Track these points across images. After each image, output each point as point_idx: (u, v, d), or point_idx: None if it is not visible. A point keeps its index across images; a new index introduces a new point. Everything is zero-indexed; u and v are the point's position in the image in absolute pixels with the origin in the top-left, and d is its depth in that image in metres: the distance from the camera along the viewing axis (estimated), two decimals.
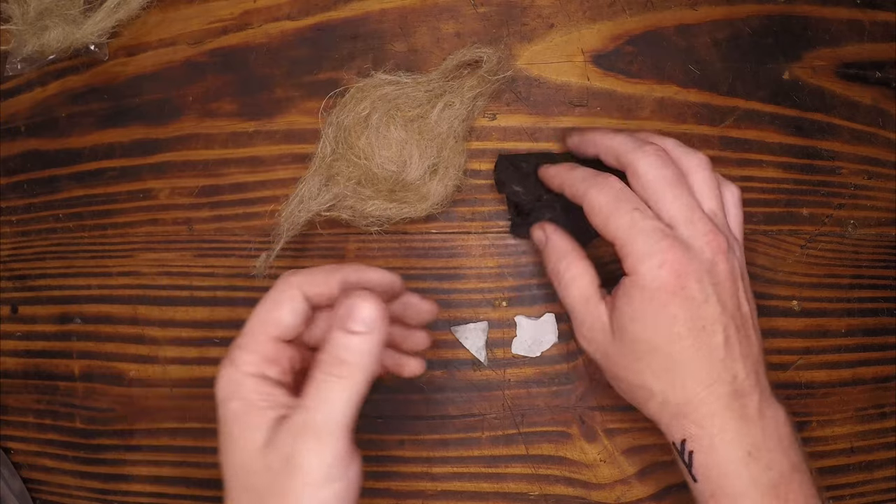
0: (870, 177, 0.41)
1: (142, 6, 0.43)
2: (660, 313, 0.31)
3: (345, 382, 0.28)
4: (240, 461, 0.29)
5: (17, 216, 0.46)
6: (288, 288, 0.31)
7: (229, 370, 0.30)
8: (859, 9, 0.41)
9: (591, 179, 0.33)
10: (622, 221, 0.32)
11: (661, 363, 0.32)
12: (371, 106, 0.39)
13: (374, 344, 0.28)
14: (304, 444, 0.27)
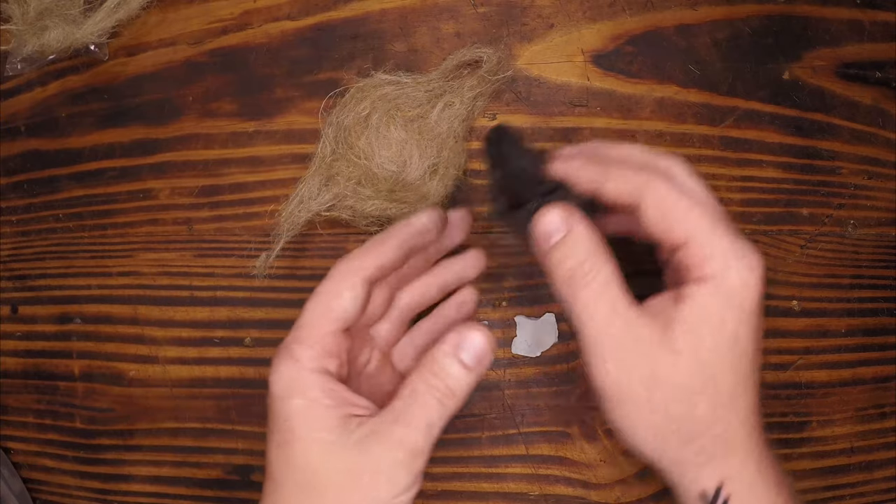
0: (870, 177, 0.41)
1: (142, 6, 0.43)
2: (741, 326, 0.27)
3: (447, 412, 0.28)
4: (303, 459, 0.28)
5: (17, 216, 0.46)
6: (347, 275, 0.30)
7: (289, 365, 0.29)
8: (859, 9, 0.41)
9: (650, 169, 0.28)
10: (703, 217, 0.27)
11: (726, 387, 0.27)
12: (371, 106, 0.39)
13: (476, 380, 0.29)
14: (399, 456, 0.27)
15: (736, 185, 0.41)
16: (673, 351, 0.27)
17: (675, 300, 0.28)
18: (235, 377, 0.43)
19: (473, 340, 0.29)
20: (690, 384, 0.27)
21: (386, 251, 0.30)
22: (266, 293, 0.42)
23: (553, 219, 0.28)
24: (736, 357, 0.27)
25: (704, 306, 0.27)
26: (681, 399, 0.27)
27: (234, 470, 0.43)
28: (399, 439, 0.28)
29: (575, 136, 0.41)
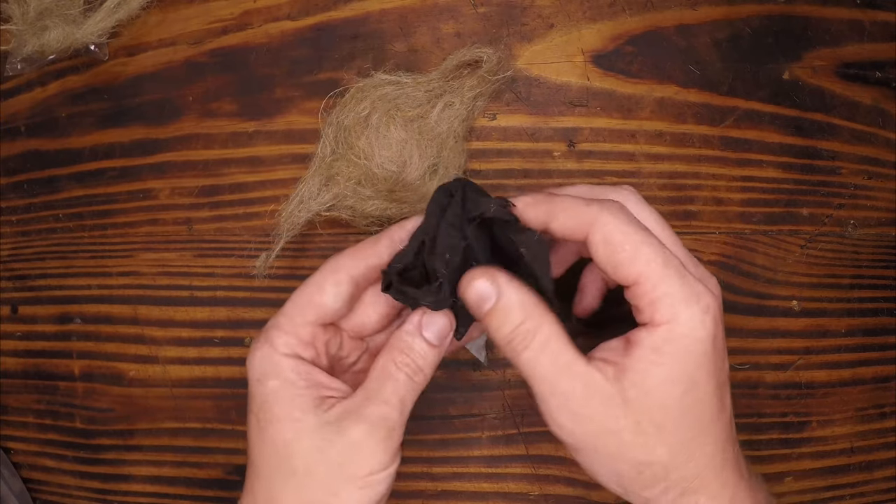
0: (870, 177, 0.41)
1: (142, 6, 0.43)
2: (698, 370, 0.26)
3: (416, 387, 0.29)
4: (280, 439, 0.28)
5: (17, 216, 0.46)
6: (334, 271, 0.30)
7: (265, 349, 0.29)
8: (859, 9, 0.41)
9: (600, 203, 0.28)
10: (654, 256, 0.26)
11: (685, 432, 0.27)
12: (371, 106, 0.39)
13: (441, 356, 0.30)
14: (375, 432, 0.28)
15: (736, 185, 0.41)
16: (625, 400, 0.26)
17: (625, 347, 0.27)
18: (235, 377, 0.43)
19: (434, 318, 0.29)
20: (645, 432, 0.26)
21: (377, 251, 0.30)
22: (266, 293, 0.42)
23: (480, 286, 0.27)
24: (694, 402, 0.27)
25: (655, 354, 0.26)
26: (638, 446, 0.27)
27: (234, 470, 0.43)
28: (373, 417, 0.28)
29: (575, 136, 0.41)
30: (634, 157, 0.40)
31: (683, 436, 0.27)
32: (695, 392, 0.26)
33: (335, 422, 0.28)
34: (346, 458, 0.28)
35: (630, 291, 0.27)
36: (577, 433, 0.27)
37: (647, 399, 0.26)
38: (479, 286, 0.27)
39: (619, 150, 0.41)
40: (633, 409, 0.26)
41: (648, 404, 0.26)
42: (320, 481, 0.28)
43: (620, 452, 0.27)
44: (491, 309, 0.27)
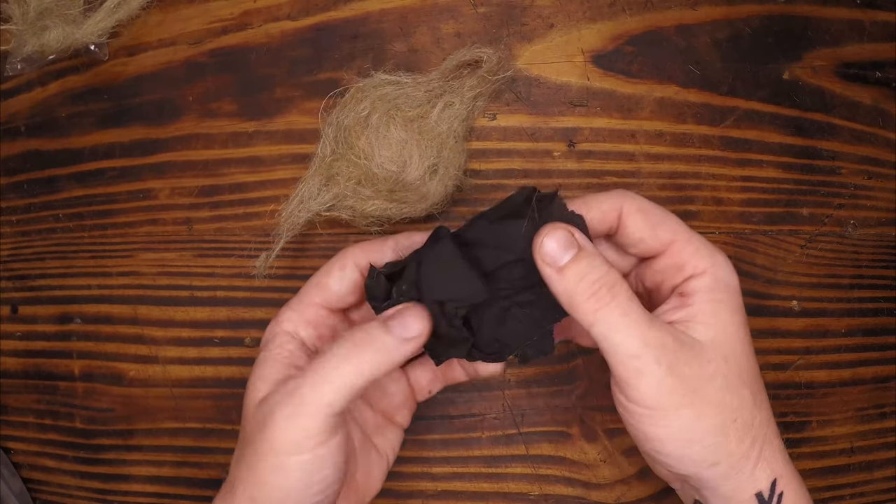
0: (870, 177, 0.41)
1: (142, 6, 0.43)
2: (742, 309, 0.29)
3: (355, 374, 0.27)
4: (244, 405, 0.30)
5: (17, 216, 0.46)
6: (341, 257, 0.32)
7: (272, 323, 0.32)
8: (859, 9, 0.41)
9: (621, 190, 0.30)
10: (679, 222, 0.29)
11: (753, 369, 0.28)
12: (371, 106, 0.39)
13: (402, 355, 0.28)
14: (283, 410, 0.27)
15: (736, 185, 0.41)
16: (708, 343, 0.28)
17: (680, 302, 0.29)
18: (235, 377, 0.43)
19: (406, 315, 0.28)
20: (731, 373, 0.28)
21: (382, 249, 0.32)
22: (266, 293, 0.42)
23: (560, 237, 0.27)
24: (749, 338, 0.29)
25: (713, 293, 0.28)
26: (730, 390, 0.27)
27: None
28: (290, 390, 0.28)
29: (575, 136, 0.41)
30: (634, 157, 0.40)
31: (756, 373, 0.29)
32: (746, 329, 0.29)
33: (274, 395, 0.29)
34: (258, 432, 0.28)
35: (665, 256, 0.29)
36: (678, 392, 0.26)
37: (727, 335, 0.28)
38: (560, 235, 0.27)
39: (619, 150, 0.41)
40: (718, 350, 0.27)
41: (729, 340, 0.28)
42: (250, 449, 0.29)
43: (718, 402, 0.27)
44: (574, 259, 0.27)
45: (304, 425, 0.27)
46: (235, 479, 0.29)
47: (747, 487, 0.28)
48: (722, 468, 0.28)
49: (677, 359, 0.27)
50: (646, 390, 0.27)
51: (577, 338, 0.35)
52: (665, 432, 0.27)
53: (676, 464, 0.28)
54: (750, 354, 0.29)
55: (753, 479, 0.28)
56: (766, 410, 0.29)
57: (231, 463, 0.31)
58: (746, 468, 0.28)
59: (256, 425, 0.29)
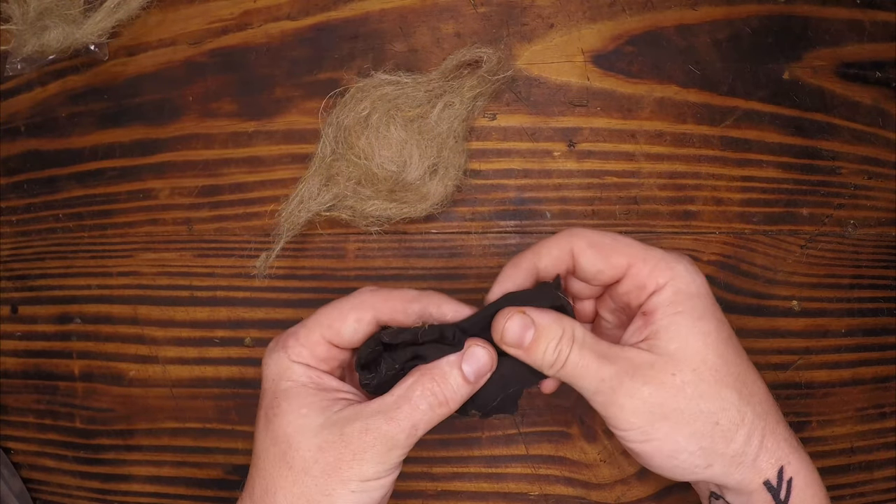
0: (870, 177, 0.41)
1: (142, 6, 0.43)
2: (714, 311, 0.29)
3: (435, 417, 0.29)
4: (283, 432, 0.29)
5: (17, 216, 0.46)
6: (360, 306, 0.31)
7: (280, 354, 0.31)
8: (859, 9, 0.41)
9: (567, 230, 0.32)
10: (631, 242, 0.31)
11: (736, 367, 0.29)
12: (371, 106, 0.39)
13: (470, 393, 0.30)
14: (377, 444, 0.28)
15: (736, 185, 0.41)
16: (672, 356, 0.29)
17: (643, 320, 0.30)
18: (235, 377, 0.43)
19: (477, 355, 0.30)
20: (704, 378, 0.28)
21: (407, 313, 0.31)
22: (266, 293, 0.42)
23: (518, 319, 0.30)
24: (727, 338, 0.29)
25: (673, 305, 0.29)
26: (705, 396, 0.28)
27: (234, 470, 0.43)
28: (378, 430, 0.28)
29: (575, 136, 0.41)
30: (634, 157, 0.40)
31: (737, 371, 0.29)
32: (723, 329, 0.29)
33: (339, 423, 0.29)
34: (342, 462, 0.28)
35: (625, 279, 0.30)
36: (643, 406, 0.28)
37: (690, 344, 0.28)
38: (518, 320, 0.30)
39: (619, 150, 0.41)
40: (683, 361, 0.28)
41: (694, 349, 0.28)
42: (315, 479, 0.28)
43: (692, 410, 0.28)
44: (536, 334, 0.29)
45: (394, 459, 0.29)
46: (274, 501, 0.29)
47: (753, 479, 0.29)
48: (718, 468, 0.29)
49: (635, 381, 0.28)
50: (615, 417, 0.29)
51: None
52: (649, 448, 0.29)
53: (671, 474, 0.30)
54: (727, 355, 0.29)
55: (757, 470, 0.29)
56: (761, 404, 0.29)
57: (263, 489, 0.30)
58: (746, 462, 0.29)
59: (326, 455, 0.28)
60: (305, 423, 0.29)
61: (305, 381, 0.30)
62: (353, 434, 0.28)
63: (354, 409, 0.29)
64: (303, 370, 0.30)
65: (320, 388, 0.30)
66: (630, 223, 0.40)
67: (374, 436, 0.28)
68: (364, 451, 0.28)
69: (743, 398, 0.29)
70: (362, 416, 0.29)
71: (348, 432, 0.28)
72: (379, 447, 0.28)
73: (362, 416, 0.29)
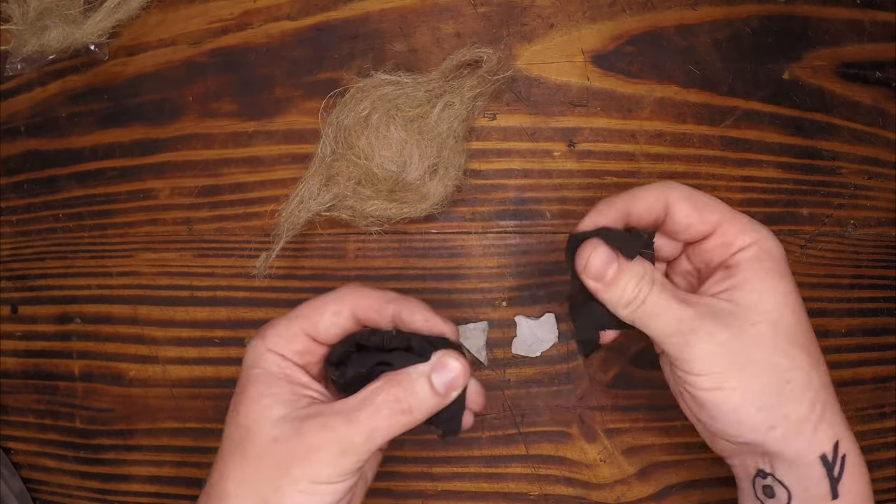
0: (870, 177, 0.41)
1: (142, 6, 0.43)
2: (790, 277, 0.30)
3: (398, 425, 0.29)
4: (245, 419, 0.29)
5: (17, 216, 0.46)
6: (339, 300, 0.31)
7: (258, 342, 0.31)
8: (859, 9, 0.41)
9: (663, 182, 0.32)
10: (721, 203, 0.31)
11: (806, 333, 0.29)
12: (371, 106, 0.39)
13: (442, 405, 0.30)
14: (331, 446, 0.28)
15: (736, 185, 0.41)
16: (754, 307, 0.29)
17: (726, 273, 0.30)
18: (235, 377, 0.42)
19: (450, 366, 0.29)
20: (780, 334, 0.29)
21: (382, 314, 0.31)
22: (266, 293, 0.42)
23: (603, 251, 0.30)
24: (799, 305, 0.29)
25: (758, 262, 0.29)
26: (780, 351, 0.28)
27: None
28: (335, 430, 0.28)
29: (575, 136, 0.41)
30: (634, 157, 0.40)
31: (809, 336, 0.29)
32: (796, 295, 0.29)
33: (300, 419, 0.28)
34: (294, 458, 0.28)
35: (713, 236, 0.31)
36: (720, 354, 0.28)
37: (771, 299, 0.29)
38: (604, 252, 0.30)
39: (619, 150, 0.40)
40: (764, 313, 0.29)
41: (774, 303, 0.29)
42: (265, 472, 0.28)
43: (767, 363, 0.28)
44: (618, 269, 0.30)
45: (348, 464, 0.28)
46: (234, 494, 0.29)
47: (811, 450, 0.29)
48: (780, 431, 0.28)
49: (716, 325, 0.28)
50: (689, 360, 0.28)
51: None
52: (718, 397, 0.29)
53: (734, 430, 0.29)
54: (801, 319, 0.29)
55: (816, 441, 0.29)
56: (824, 374, 0.29)
57: (219, 474, 0.29)
58: (807, 430, 0.28)
59: (281, 449, 0.28)
60: (266, 413, 0.29)
61: (276, 370, 0.30)
62: (310, 431, 0.28)
63: (316, 408, 0.29)
64: (276, 360, 0.30)
65: (289, 381, 0.30)
66: None
67: (330, 435, 0.28)
68: (318, 450, 0.28)
69: (812, 363, 0.29)
70: (322, 414, 0.28)
71: (305, 428, 0.28)
72: (333, 448, 0.28)
73: (322, 414, 0.28)
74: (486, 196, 0.41)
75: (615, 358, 0.41)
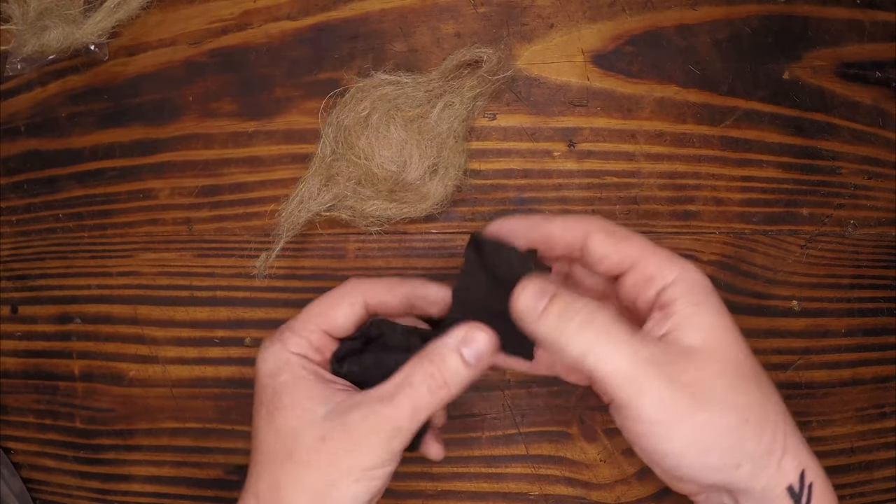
0: (870, 177, 0.41)
1: (142, 6, 0.43)
2: (724, 312, 0.29)
3: (436, 400, 0.29)
4: (286, 426, 0.29)
5: (17, 216, 0.46)
6: (352, 292, 0.32)
7: (277, 347, 0.31)
8: (859, 9, 0.41)
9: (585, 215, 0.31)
10: (642, 238, 0.30)
11: (753, 365, 0.29)
12: (371, 106, 0.39)
13: (474, 377, 0.30)
14: (381, 430, 0.28)
15: (736, 185, 0.41)
16: (699, 349, 0.27)
17: (663, 314, 0.29)
18: (235, 377, 0.43)
19: (477, 338, 0.30)
20: (728, 372, 0.27)
21: (394, 294, 0.32)
22: (266, 293, 0.42)
23: (534, 289, 0.29)
24: (739, 335, 0.29)
25: (691, 296, 0.28)
26: (732, 390, 0.27)
27: (234, 470, 0.43)
28: (381, 416, 0.28)
29: (575, 136, 0.41)
30: (634, 157, 0.41)
31: (756, 368, 0.28)
32: (735, 327, 0.29)
33: (342, 412, 0.29)
34: (345, 451, 0.28)
35: (632, 271, 0.30)
36: (669, 400, 0.26)
37: (715, 337, 0.28)
38: (533, 288, 0.29)
39: (619, 150, 0.41)
40: (711, 353, 0.27)
41: (719, 342, 0.28)
42: (320, 470, 0.28)
43: (724, 404, 0.27)
44: (552, 299, 0.28)
45: (397, 444, 0.29)
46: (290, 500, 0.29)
47: (777, 483, 0.28)
48: (746, 469, 0.27)
49: (674, 369, 0.27)
50: (649, 407, 0.27)
51: (564, 375, 0.35)
52: (679, 446, 0.27)
53: (699, 475, 0.28)
54: (745, 351, 0.29)
55: (782, 474, 0.28)
56: (778, 403, 0.29)
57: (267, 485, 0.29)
58: (772, 463, 0.28)
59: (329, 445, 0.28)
60: (309, 415, 0.29)
61: (305, 373, 0.30)
62: (356, 422, 0.28)
63: (356, 399, 0.29)
64: (302, 363, 0.31)
65: (319, 379, 0.30)
66: (630, 223, 0.40)
67: (376, 421, 0.28)
68: (367, 439, 0.28)
69: (765, 395, 0.28)
70: (364, 403, 0.29)
71: (350, 420, 0.29)
72: (381, 434, 0.28)
73: (364, 403, 0.29)
74: (486, 196, 0.41)
75: None
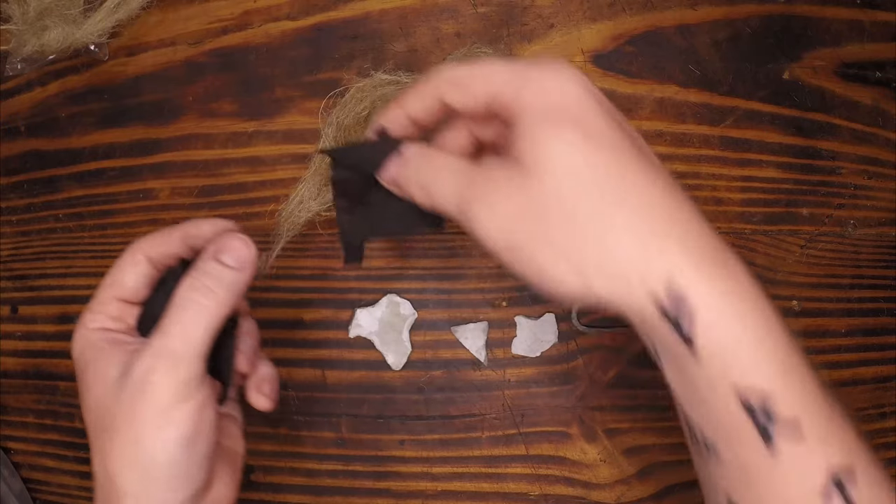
0: (870, 177, 0.41)
1: (142, 6, 0.43)
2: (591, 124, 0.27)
3: (206, 311, 0.28)
4: (95, 401, 0.29)
5: (17, 216, 0.46)
6: (132, 253, 0.32)
7: (79, 330, 0.31)
8: (859, 9, 0.41)
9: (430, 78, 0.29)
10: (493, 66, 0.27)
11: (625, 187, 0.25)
12: (371, 106, 0.39)
13: (241, 282, 0.30)
14: (158, 364, 0.28)
15: (736, 185, 0.41)
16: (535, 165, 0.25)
17: (507, 128, 0.27)
18: None
19: (232, 244, 0.30)
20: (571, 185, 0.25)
21: (171, 242, 0.32)
22: (266, 293, 0.42)
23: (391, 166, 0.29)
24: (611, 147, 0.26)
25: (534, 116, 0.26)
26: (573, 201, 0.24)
27: None
28: (154, 350, 0.28)
29: None
30: None
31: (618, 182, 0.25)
32: (604, 138, 0.26)
33: (128, 367, 0.28)
34: (137, 401, 0.28)
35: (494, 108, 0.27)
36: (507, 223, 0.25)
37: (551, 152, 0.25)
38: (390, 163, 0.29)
39: None
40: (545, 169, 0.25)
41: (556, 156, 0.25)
42: (125, 431, 0.28)
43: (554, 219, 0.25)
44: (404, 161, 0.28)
45: (183, 374, 0.28)
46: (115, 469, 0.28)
47: (646, 304, 0.24)
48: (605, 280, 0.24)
49: (496, 190, 0.25)
50: (479, 231, 0.26)
51: None
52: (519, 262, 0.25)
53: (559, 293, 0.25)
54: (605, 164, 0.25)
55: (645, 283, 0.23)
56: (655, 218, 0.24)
57: (95, 462, 0.29)
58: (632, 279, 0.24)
59: (127, 400, 0.28)
60: (108, 382, 0.29)
61: (104, 344, 0.30)
62: (139, 367, 0.28)
63: (137, 347, 0.29)
64: (100, 335, 0.30)
65: (118, 343, 0.30)
66: None
67: (152, 358, 0.28)
68: (150, 378, 0.27)
69: (623, 207, 0.24)
70: (142, 348, 0.28)
71: (134, 370, 0.28)
72: (161, 369, 0.27)
73: (142, 348, 0.28)
74: None
75: (615, 358, 0.41)
